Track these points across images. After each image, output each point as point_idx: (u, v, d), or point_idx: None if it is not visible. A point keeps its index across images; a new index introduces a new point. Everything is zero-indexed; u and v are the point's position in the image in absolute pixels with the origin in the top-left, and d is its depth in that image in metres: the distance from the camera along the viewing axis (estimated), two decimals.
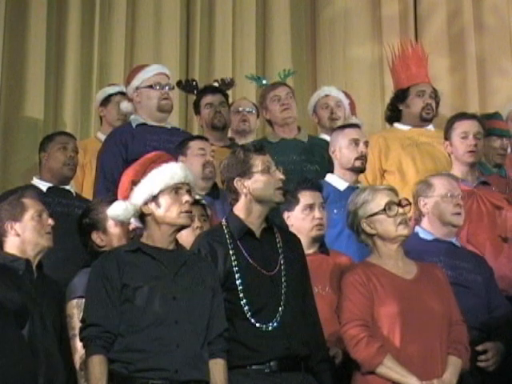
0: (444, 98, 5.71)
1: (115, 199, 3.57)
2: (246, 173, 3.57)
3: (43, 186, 4.86)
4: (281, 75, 5.58)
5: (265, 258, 3.56)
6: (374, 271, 3.66)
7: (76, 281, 3.69)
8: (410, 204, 3.80)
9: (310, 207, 4.11)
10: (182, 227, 3.49)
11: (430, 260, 4.03)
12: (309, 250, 4.03)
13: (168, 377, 3.25)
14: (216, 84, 5.70)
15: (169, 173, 3.45)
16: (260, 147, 3.63)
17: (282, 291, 3.52)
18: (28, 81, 6.29)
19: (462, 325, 3.69)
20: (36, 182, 4.91)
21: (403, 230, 3.69)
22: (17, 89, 6.30)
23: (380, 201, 3.71)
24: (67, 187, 4.92)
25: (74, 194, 4.95)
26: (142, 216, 3.47)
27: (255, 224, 3.59)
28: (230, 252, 3.53)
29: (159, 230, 3.44)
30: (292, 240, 3.72)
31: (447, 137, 4.80)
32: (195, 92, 5.68)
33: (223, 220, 3.66)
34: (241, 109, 5.76)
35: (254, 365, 3.43)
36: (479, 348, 3.96)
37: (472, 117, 4.86)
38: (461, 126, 4.76)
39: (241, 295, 3.48)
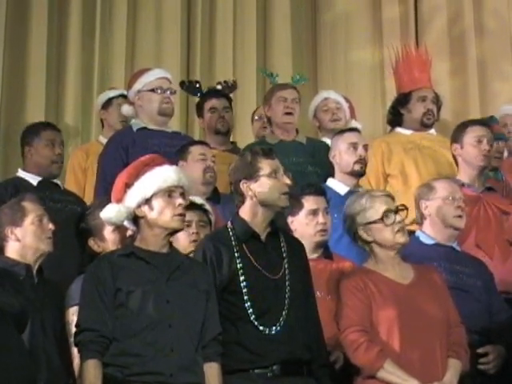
0: (445, 102, 5.70)
1: None
2: (252, 176, 3.56)
3: (33, 179, 4.73)
4: (293, 79, 5.51)
5: (269, 261, 3.56)
6: (371, 277, 3.66)
7: (74, 288, 3.67)
8: (407, 209, 3.80)
9: (314, 212, 4.10)
10: (175, 231, 3.49)
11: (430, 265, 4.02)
12: (312, 255, 4.02)
13: (163, 381, 3.24)
14: (219, 87, 5.69)
15: (162, 176, 3.44)
16: (269, 151, 3.62)
17: (286, 295, 3.51)
18: (29, 86, 6.31)
19: (460, 327, 3.69)
20: (23, 174, 4.78)
21: (400, 238, 3.70)
22: (18, 94, 6.32)
23: (378, 209, 3.72)
24: (55, 180, 4.83)
25: (62, 188, 4.89)
26: (135, 219, 3.47)
27: (260, 227, 3.58)
28: (236, 255, 3.52)
29: (152, 232, 3.43)
30: (296, 245, 3.71)
31: (457, 140, 4.79)
32: (198, 94, 5.68)
33: (228, 222, 3.65)
34: None
35: (256, 369, 3.42)
36: (480, 350, 3.96)
37: (485, 124, 4.89)
38: (475, 131, 4.75)
39: (245, 298, 3.47)
